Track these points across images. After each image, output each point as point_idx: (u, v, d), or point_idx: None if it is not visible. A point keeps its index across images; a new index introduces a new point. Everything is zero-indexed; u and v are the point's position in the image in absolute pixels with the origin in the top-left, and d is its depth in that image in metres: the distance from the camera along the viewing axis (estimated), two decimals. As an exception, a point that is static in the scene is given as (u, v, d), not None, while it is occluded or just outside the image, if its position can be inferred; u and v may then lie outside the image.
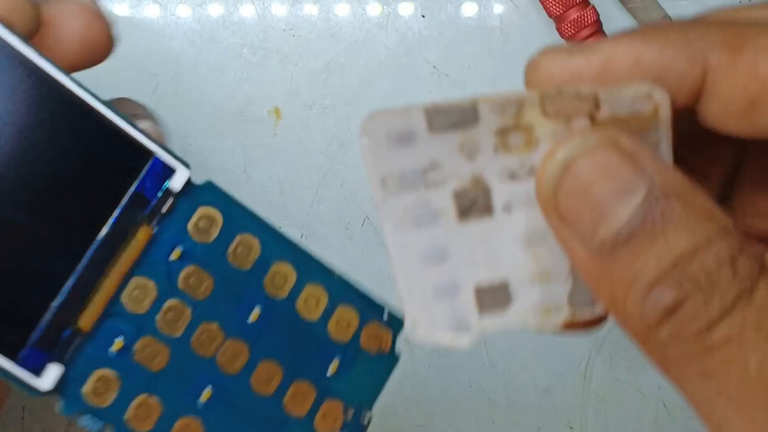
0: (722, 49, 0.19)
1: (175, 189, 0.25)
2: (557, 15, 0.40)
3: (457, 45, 0.42)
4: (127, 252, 0.25)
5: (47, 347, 0.24)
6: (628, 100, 0.22)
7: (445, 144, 0.23)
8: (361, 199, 0.42)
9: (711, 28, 0.19)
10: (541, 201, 0.21)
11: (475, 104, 0.23)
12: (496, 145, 0.23)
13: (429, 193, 0.23)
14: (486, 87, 0.42)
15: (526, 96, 0.23)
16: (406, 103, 0.22)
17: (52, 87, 0.24)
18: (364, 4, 0.41)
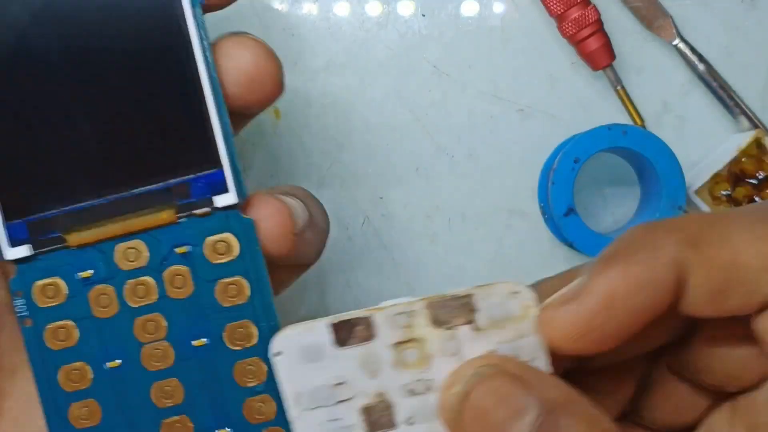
0: (686, 248, 0.21)
1: (217, 204, 0.26)
2: (558, 14, 0.40)
3: (458, 44, 0.41)
4: (145, 218, 0.26)
5: (33, 232, 0.26)
6: (499, 302, 0.25)
7: (350, 359, 0.25)
8: (360, 199, 0.42)
9: (671, 230, 0.22)
10: (447, 428, 0.23)
11: (371, 316, 0.25)
12: (394, 361, 0.25)
13: (339, 409, 0.25)
14: (487, 86, 0.41)
15: (414, 307, 0.25)
16: (314, 318, 0.25)
17: (186, 58, 0.26)
18: (364, 3, 0.41)
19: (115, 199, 0.26)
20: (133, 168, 0.26)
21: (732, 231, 0.21)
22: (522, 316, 0.25)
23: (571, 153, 0.38)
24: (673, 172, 0.37)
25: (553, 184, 0.38)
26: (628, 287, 0.21)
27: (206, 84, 0.26)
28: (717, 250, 0.21)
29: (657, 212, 0.37)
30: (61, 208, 0.26)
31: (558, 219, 0.38)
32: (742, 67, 0.41)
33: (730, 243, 0.21)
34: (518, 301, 0.25)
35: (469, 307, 0.25)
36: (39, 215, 0.26)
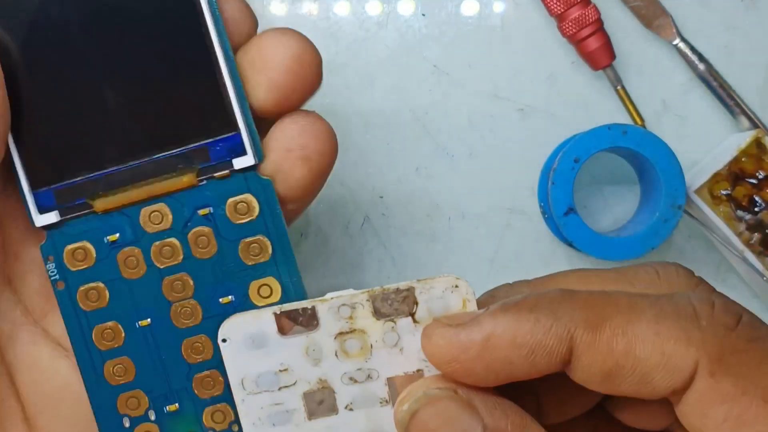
0: (584, 328, 0.22)
1: (236, 166, 0.27)
2: (558, 14, 0.40)
3: (458, 44, 0.41)
4: (168, 182, 0.27)
5: (60, 199, 0.27)
6: (440, 295, 0.26)
7: (293, 347, 0.26)
8: (360, 199, 0.42)
9: (578, 306, 0.22)
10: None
11: (315, 306, 0.26)
12: (336, 350, 0.26)
13: (282, 394, 0.27)
14: (487, 86, 0.41)
15: (357, 299, 0.26)
16: (261, 307, 0.26)
17: (199, 29, 0.27)
18: (364, 2, 0.41)
19: (138, 164, 0.27)
20: (154, 134, 0.27)
21: (635, 322, 0.22)
22: (461, 309, 0.26)
23: (571, 153, 0.38)
24: (672, 172, 0.37)
25: (553, 184, 0.38)
26: (512, 340, 0.22)
27: (220, 53, 0.27)
28: (614, 338, 0.22)
29: (656, 211, 0.37)
30: (87, 176, 0.27)
31: (558, 219, 0.38)
32: (742, 67, 0.41)
33: (630, 335, 0.22)
34: (458, 295, 0.26)
35: (410, 300, 0.26)
36: (65, 183, 0.27)
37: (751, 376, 0.21)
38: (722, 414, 0.21)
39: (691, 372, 0.22)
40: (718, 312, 0.22)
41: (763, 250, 0.39)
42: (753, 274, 0.40)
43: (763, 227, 0.39)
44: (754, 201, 0.39)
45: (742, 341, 0.22)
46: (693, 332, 0.22)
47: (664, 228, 0.37)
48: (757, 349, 0.22)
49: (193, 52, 0.27)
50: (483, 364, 0.23)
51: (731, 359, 0.21)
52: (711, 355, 0.21)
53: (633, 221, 0.41)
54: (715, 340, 0.22)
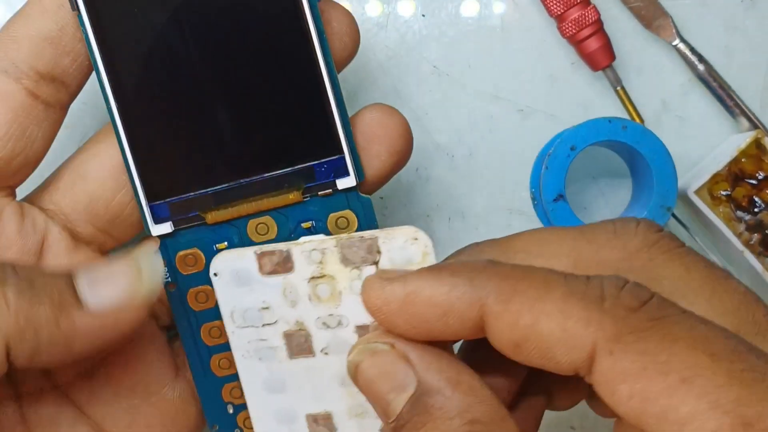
0: (496, 298, 0.24)
1: (339, 186, 0.30)
2: (558, 14, 0.40)
3: (458, 44, 0.42)
4: (275, 198, 0.30)
5: (175, 212, 0.30)
6: (401, 246, 0.27)
7: (273, 287, 0.28)
8: (361, 199, 0.42)
9: (495, 276, 0.24)
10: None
11: (290, 249, 0.28)
12: (310, 294, 0.28)
13: (265, 331, 0.28)
14: (487, 86, 0.41)
15: (326, 244, 0.28)
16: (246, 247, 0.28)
17: (309, 59, 0.29)
18: (364, 3, 0.41)
19: (248, 182, 0.30)
20: (264, 155, 0.30)
21: (543, 299, 0.23)
22: (420, 262, 0.27)
23: (569, 140, 0.38)
24: (666, 173, 0.37)
25: (546, 169, 0.38)
26: (428, 299, 0.24)
27: (327, 81, 0.29)
28: (522, 312, 0.23)
29: (645, 210, 0.37)
30: (200, 191, 0.30)
31: (547, 204, 0.38)
32: (741, 68, 0.41)
33: (537, 310, 0.23)
34: (417, 247, 0.27)
35: (373, 249, 0.27)
36: (180, 197, 0.30)
37: (650, 352, 0.22)
38: (626, 391, 0.22)
39: (590, 351, 0.22)
40: (623, 294, 0.23)
41: (763, 250, 0.39)
42: (752, 274, 0.40)
43: (762, 228, 0.39)
44: (754, 202, 0.39)
45: (642, 321, 0.22)
46: (594, 313, 0.22)
47: (652, 228, 0.37)
48: (658, 327, 0.22)
49: (302, 80, 0.29)
50: (402, 318, 0.25)
51: (629, 338, 0.22)
52: (609, 335, 0.22)
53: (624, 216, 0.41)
54: (614, 321, 0.22)
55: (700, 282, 0.26)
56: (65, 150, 0.37)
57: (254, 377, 0.29)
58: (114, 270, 0.27)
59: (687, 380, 0.21)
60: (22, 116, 0.29)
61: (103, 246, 0.31)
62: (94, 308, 0.26)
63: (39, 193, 0.31)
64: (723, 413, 0.21)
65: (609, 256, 0.26)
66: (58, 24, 0.28)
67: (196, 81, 0.29)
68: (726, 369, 0.21)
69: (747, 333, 0.25)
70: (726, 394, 0.21)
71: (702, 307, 0.25)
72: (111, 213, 0.30)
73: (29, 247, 0.29)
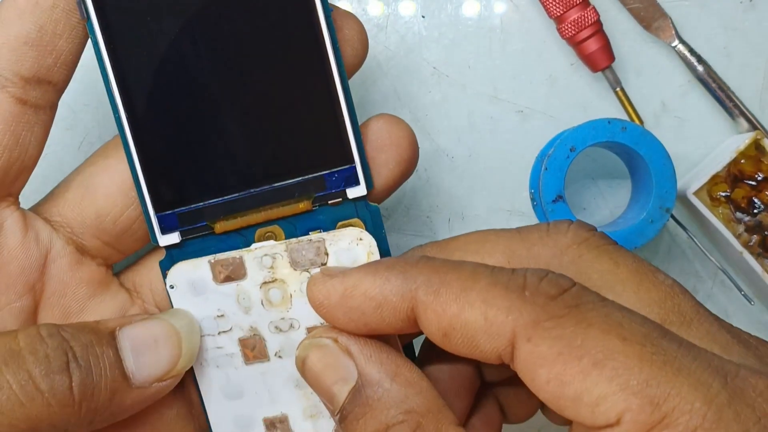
0: (425, 290, 0.25)
1: (349, 195, 0.30)
2: (557, 15, 0.40)
3: (458, 45, 0.42)
4: (285, 208, 0.30)
5: (183, 222, 0.30)
6: (347, 247, 0.28)
7: (227, 295, 0.29)
8: (361, 200, 0.42)
9: (425, 269, 0.25)
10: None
11: (242, 256, 0.28)
12: (262, 299, 0.28)
13: (221, 339, 0.29)
14: (486, 87, 0.42)
15: (276, 249, 0.28)
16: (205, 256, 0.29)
17: (323, 70, 0.29)
18: (364, 4, 0.41)
19: (258, 192, 0.29)
20: (274, 164, 0.29)
21: (469, 290, 0.24)
22: (366, 261, 0.28)
23: (568, 141, 0.38)
24: (665, 174, 0.37)
25: (545, 170, 0.38)
26: (365, 292, 0.26)
27: (340, 90, 0.29)
28: (449, 302, 0.24)
29: (644, 211, 0.38)
30: (209, 201, 0.30)
31: (546, 205, 0.38)
32: (740, 68, 0.41)
33: (463, 300, 0.24)
34: (363, 247, 0.28)
35: (321, 251, 0.28)
36: (188, 207, 0.30)
37: (566, 338, 0.23)
38: (545, 375, 0.23)
39: (510, 338, 0.23)
40: (544, 283, 0.24)
41: (762, 251, 0.39)
42: (752, 275, 0.40)
43: (762, 229, 0.39)
44: (753, 203, 0.39)
45: (560, 308, 0.23)
46: (514, 301, 0.23)
47: (650, 228, 0.37)
48: (575, 313, 0.23)
49: (314, 89, 0.29)
50: (341, 311, 0.26)
51: (547, 324, 0.23)
52: (527, 322, 0.23)
53: (621, 218, 0.41)
54: (533, 308, 0.23)
55: (628, 275, 0.26)
56: (67, 150, 0.37)
57: (213, 385, 0.30)
58: (156, 336, 0.27)
59: (599, 363, 0.22)
60: (13, 125, 0.28)
61: (108, 260, 0.31)
62: (140, 383, 0.27)
63: (45, 203, 0.31)
64: (632, 394, 0.22)
65: (541, 253, 0.28)
66: (36, 24, 0.28)
67: (206, 90, 0.29)
68: (637, 352, 0.22)
69: (673, 323, 0.25)
70: (636, 376, 0.22)
71: (630, 298, 0.26)
72: (119, 228, 0.31)
73: (32, 262, 0.30)
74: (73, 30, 0.28)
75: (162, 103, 0.29)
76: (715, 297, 0.43)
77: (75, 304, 0.31)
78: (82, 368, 0.25)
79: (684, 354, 0.23)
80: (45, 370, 0.25)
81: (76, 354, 0.26)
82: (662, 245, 0.42)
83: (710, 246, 0.42)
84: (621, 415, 0.22)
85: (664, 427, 0.21)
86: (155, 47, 0.29)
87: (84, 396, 0.25)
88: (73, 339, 0.26)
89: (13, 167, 0.29)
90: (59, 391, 0.25)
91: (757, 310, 0.42)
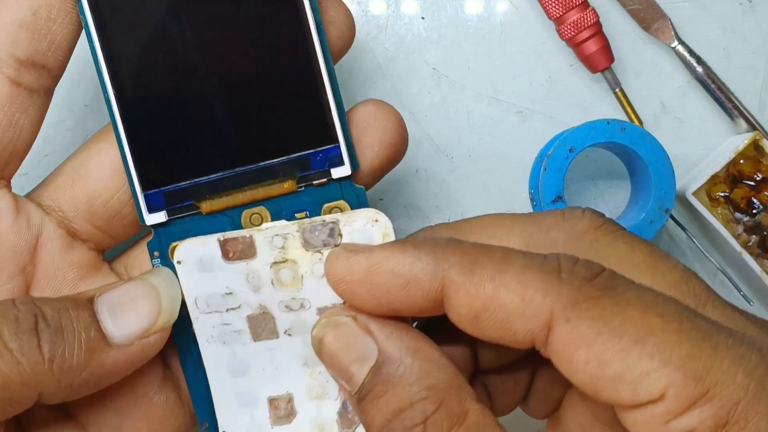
0: (459, 270, 0.24)
1: (333, 175, 0.30)
2: (557, 17, 0.40)
3: (457, 47, 0.42)
4: (270, 188, 0.30)
5: (170, 201, 0.30)
6: (362, 228, 0.28)
7: (236, 273, 0.28)
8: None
9: (457, 250, 0.25)
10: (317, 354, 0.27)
11: (252, 235, 0.28)
12: (272, 279, 0.28)
13: (229, 315, 0.29)
14: (486, 88, 0.42)
15: (288, 229, 0.28)
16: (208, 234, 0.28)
17: (306, 50, 0.29)
18: (364, 5, 0.42)
19: (243, 171, 0.30)
20: (260, 144, 0.30)
21: (503, 272, 0.24)
22: (381, 243, 0.28)
23: (568, 142, 0.38)
24: (664, 175, 0.37)
25: (545, 171, 0.38)
26: (392, 270, 0.25)
27: (324, 70, 0.29)
28: (483, 282, 0.24)
29: (643, 212, 0.38)
30: (195, 180, 0.30)
31: (546, 206, 0.38)
32: (740, 69, 0.41)
33: (497, 281, 0.24)
34: (378, 228, 0.28)
35: (335, 232, 0.28)
36: (174, 186, 0.30)
37: (604, 318, 0.23)
38: (583, 356, 0.23)
39: (547, 319, 0.23)
40: (579, 267, 0.24)
41: (761, 252, 0.39)
42: (751, 276, 0.40)
43: (760, 229, 0.39)
44: (752, 203, 0.39)
45: (597, 290, 0.23)
46: (551, 283, 0.23)
47: (649, 229, 0.38)
48: (611, 295, 0.23)
49: (299, 69, 0.29)
50: (365, 287, 0.25)
51: (585, 305, 0.23)
52: (565, 303, 0.23)
53: (620, 219, 0.41)
54: (570, 290, 0.23)
55: (643, 259, 0.27)
56: (67, 150, 0.37)
57: (218, 361, 0.29)
58: (133, 294, 0.27)
59: (640, 341, 0.22)
60: (6, 106, 0.29)
61: (99, 244, 0.32)
62: (120, 341, 0.27)
63: (37, 189, 0.31)
64: (675, 369, 0.22)
65: (557, 238, 0.28)
66: (31, 9, 0.28)
67: (193, 69, 0.29)
68: (676, 328, 0.22)
69: (689, 305, 0.25)
70: (677, 351, 0.22)
71: (646, 281, 0.26)
72: (109, 211, 0.31)
73: (23, 244, 0.30)
74: (67, 15, 0.29)
75: (149, 82, 0.29)
76: (715, 297, 0.43)
77: (66, 286, 0.31)
78: (51, 328, 0.25)
79: (719, 330, 0.23)
80: (14, 330, 0.25)
81: (45, 315, 0.26)
82: (661, 246, 0.42)
83: (709, 246, 0.42)
84: (665, 390, 0.22)
85: (708, 400, 0.22)
86: (143, 28, 0.29)
87: (54, 354, 0.25)
88: (45, 305, 0.26)
89: (6, 149, 0.29)
90: (27, 349, 0.25)
91: (756, 310, 0.42)
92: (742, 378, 0.22)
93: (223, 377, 0.30)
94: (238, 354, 0.29)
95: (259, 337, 0.29)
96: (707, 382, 0.22)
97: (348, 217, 0.28)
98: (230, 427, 0.30)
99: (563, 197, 0.38)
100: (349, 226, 0.28)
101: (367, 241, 0.28)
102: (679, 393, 0.22)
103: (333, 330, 0.26)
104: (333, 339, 0.26)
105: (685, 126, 0.42)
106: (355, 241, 0.28)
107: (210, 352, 0.29)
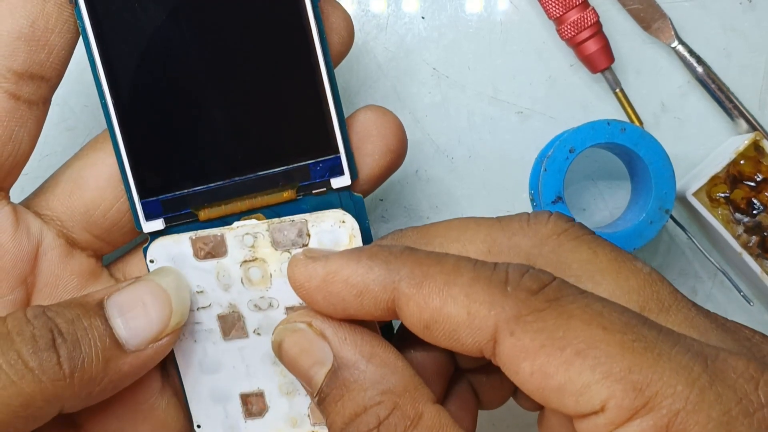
0: (408, 282, 0.25)
1: (333, 185, 0.30)
2: (557, 17, 0.40)
3: (457, 46, 0.42)
4: (269, 197, 0.30)
5: (167, 209, 0.30)
6: (329, 229, 0.28)
7: (207, 272, 0.29)
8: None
9: (409, 261, 0.25)
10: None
11: (223, 234, 0.29)
12: (242, 277, 0.29)
13: (200, 314, 0.29)
14: (486, 88, 0.42)
15: (258, 228, 0.28)
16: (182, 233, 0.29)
17: (309, 60, 0.29)
18: (364, 5, 0.42)
19: (242, 180, 0.29)
20: (259, 153, 0.29)
21: (452, 284, 0.24)
22: (348, 245, 0.28)
23: (568, 142, 0.38)
24: (665, 175, 0.37)
25: (545, 171, 0.38)
26: (346, 279, 0.26)
27: (326, 80, 0.29)
28: (432, 295, 0.25)
29: (643, 212, 0.38)
30: (194, 188, 0.30)
31: (545, 206, 0.38)
32: (740, 69, 0.41)
33: (446, 294, 0.24)
34: (345, 230, 0.28)
35: (303, 232, 0.28)
36: (173, 194, 0.30)
37: (548, 330, 0.23)
38: (528, 368, 0.23)
39: (492, 332, 0.24)
40: (526, 278, 0.24)
41: (762, 252, 0.39)
42: (751, 276, 0.40)
43: (761, 230, 0.39)
44: (752, 204, 0.39)
45: (542, 302, 0.23)
46: (497, 296, 0.24)
47: (649, 229, 0.38)
48: (555, 306, 0.23)
49: (300, 78, 0.29)
50: (322, 295, 0.26)
51: (529, 318, 0.23)
52: (509, 317, 0.23)
53: (621, 219, 0.41)
54: (515, 303, 0.23)
55: (607, 264, 0.27)
56: (67, 151, 0.38)
57: (190, 359, 0.30)
58: (143, 298, 0.28)
59: (581, 353, 0.22)
60: (5, 120, 0.28)
61: (98, 252, 0.32)
62: (135, 347, 0.27)
63: (35, 197, 0.31)
64: (615, 381, 0.22)
65: (521, 242, 0.28)
66: (28, 19, 0.28)
67: (192, 77, 0.29)
68: (618, 340, 0.23)
69: (651, 310, 0.26)
70: (618, 364, 0.22)
71: (609, 286, 0.26)
72: (109, 221, 0.31)
73: (23, 255, 0.30)
74: (65, 24, 0.28)
75: (148, 89, 0.29)
76: (715, 298, 0.43)
77: (66, 295, 0.31)
78: (68, 342, 0.26)
79: (664, 340, 0.23)
80: (32, 349, 0.25)
81: (61, 330, 0.26)
82: (662, 246, 0.42)
83: (709, 247, 0.42)
84: (605, 402, 0.22)
85: (648, 411, 0.22)
86: (142, 34, 0.29)
87: (74, 368, 0.26)
88: (57, 316, 0.26)
89: (6, 163, 0.29)
90: (48, 367, 0.25)
91: (756, 311, 0.42)
92: (682, 388, 0.22)
93: (195, 374, 0.30)
94: (209, 352, 0.30)
95: (229, 336, 0.29)
96: (647, 393, 0.22)
97: (316, 218, 0.28)
98: (204, 421, 0.30)
99: (563, 198, 0.38)
100: (317, 226, 0.28)
101: (335, 242, 0.28)
102: (620, 404, 0.22)
103: (290, 335, 0.27)
104: (291, 344, 0.27)
105: (685, 126, 0.42)
106: (322, 241, 0.28)
107: (182, 349, 0.30)
